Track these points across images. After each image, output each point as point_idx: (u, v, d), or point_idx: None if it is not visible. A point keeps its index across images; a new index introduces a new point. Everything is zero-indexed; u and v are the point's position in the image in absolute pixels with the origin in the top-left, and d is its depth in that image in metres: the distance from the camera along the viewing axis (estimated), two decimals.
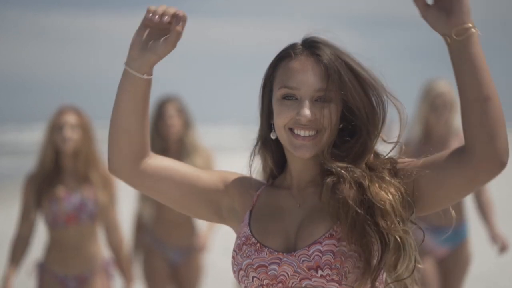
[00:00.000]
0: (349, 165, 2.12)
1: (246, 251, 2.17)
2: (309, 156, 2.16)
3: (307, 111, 2.12)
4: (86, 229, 5.06)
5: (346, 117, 2.16)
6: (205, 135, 6.87)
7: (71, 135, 5.04)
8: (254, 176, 2.29)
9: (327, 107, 2.14)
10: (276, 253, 2.14)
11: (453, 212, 2.22)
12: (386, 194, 2.07)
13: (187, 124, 5.97)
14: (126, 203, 7.62)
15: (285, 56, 2.20)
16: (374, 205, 2.05)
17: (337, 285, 2.08)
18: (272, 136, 2.23)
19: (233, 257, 2.20)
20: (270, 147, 2.25)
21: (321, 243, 2.10)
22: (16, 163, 30.66)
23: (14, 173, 25.31)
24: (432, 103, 5.49)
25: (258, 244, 2.16)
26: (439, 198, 2.15)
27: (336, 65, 2.15)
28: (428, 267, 5.45)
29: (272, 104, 2.20)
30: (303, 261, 2.10)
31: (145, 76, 2.16)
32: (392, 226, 2.06)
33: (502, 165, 2.02)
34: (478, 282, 8.46)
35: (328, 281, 2.08)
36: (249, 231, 2.19)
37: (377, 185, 2.08)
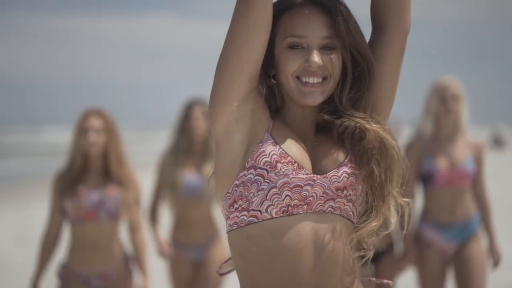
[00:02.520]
0: (366, 116, 2.25)
1: (283, 169, 2.17)
2: (318, 102, 2.24)
3: (316, 58, 2.19)
4: (104, 228, 5.12)
5: (345, 64, 2.26)
6: None
7: (97, 139, 5.15)
8: None
9: (332, 53, 2.22)
10: (312, 174, 2.20)
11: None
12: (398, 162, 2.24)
13: None
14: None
15: (286, 8, 2.25)
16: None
17: (351, 205, 2.23)
18: (273, 81, 2.28)
19: (260, 175, 2.17)
20: (270, 95, 2.30)
21: (346, 165, 2.22)
22: (27, 164, 30.89)
23: (26, 173, 25.56)
24: (441, 96, 5.58)
25: (296, 164, 2.18)
26: (384, 79, 2.30)
27: (341, 11, 2.23)
28: (433, 262, 5.51)
29: (275, 55, 2.25)
30: (333, 182, 2.20)
31: None
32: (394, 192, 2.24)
33: (409, 27, 2.30)
34: None
35: (347, 201, 2.21)
36: (281, 149, 2.19)
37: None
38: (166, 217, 7.62)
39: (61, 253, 5.53)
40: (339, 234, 2.20)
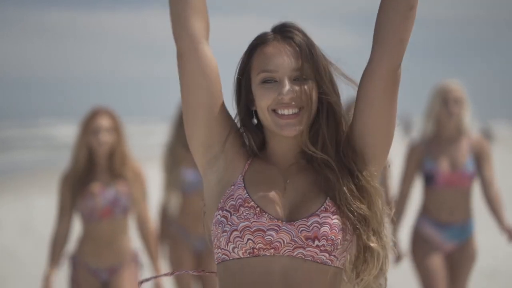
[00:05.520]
0: (326, 157, 2.25)
1: (244, 213, 2.19)
2: (295, 133, 2.24)
3: (287, 89, 2.21)
4: (118, 223, 5.21)
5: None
6: None
7: (107, 139, 5.21)
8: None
9: (305, 83, 2.23)
10: (276, 220, 2.20)
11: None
12: (360, 203, 2.23)
13: None
14: (153, 195, 7.95)
15: (258, 44, 2.28)
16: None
17: (327, 255, 2.20)
18: (254, 122, 2.32)
19: (224, 217, 2.21)
20: (252, 132, 2.32)
21: (318, 215, 2.20)
22: (27, 157, 31.10)
23: (27, 166, 25.81)
24: (443, 98, 5.61)
25: (258, 209, 2.20)
26: (377, 108, 2.27)
27: (307, 44, 2.26)
28: (435, 262, 5.56)
29: (252, 91, 2.28)
30: (301, 230, 2.19)
31: None
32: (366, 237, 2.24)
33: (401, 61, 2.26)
34: (483, 275, 8.56)
35: (321, 251, 2.19)
36: (246, 194, 2.22)
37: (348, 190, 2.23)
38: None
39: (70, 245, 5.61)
40: (311, 277, 2.21)
